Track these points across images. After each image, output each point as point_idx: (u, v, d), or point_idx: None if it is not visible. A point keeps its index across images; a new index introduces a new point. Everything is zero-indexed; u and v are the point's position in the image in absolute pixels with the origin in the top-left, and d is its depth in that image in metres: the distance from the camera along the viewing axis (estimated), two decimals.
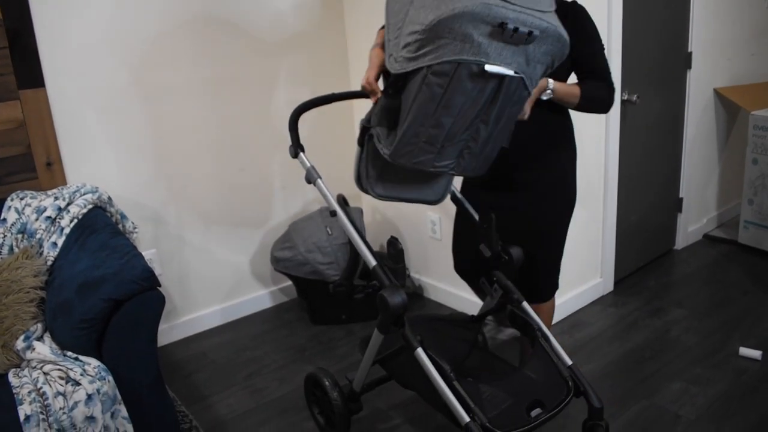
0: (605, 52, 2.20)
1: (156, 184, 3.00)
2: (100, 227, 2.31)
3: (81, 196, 2.46)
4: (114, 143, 2.84)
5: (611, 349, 2.89)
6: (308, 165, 2.13)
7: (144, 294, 1.95)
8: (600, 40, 2.18)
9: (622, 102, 3.21)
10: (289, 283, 3.44)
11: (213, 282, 3.28)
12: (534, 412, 1.83)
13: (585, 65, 2.15)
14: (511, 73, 1.62)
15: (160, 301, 1.98)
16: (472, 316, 2.34)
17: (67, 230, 2.34)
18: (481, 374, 2.16)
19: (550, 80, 2.06)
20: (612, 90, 2.16)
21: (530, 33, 1.56)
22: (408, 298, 1.87)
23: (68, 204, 2.41)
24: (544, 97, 2.09)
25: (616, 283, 3.51)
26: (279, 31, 3.23)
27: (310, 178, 2.12)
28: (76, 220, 2.36)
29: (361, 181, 2.02)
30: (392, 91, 1.74)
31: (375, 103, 1.85)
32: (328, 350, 3.02)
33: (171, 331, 3.17)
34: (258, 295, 3.46)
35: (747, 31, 4.01)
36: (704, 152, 3.97)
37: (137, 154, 2.92)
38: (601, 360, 2.80)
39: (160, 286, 2.00)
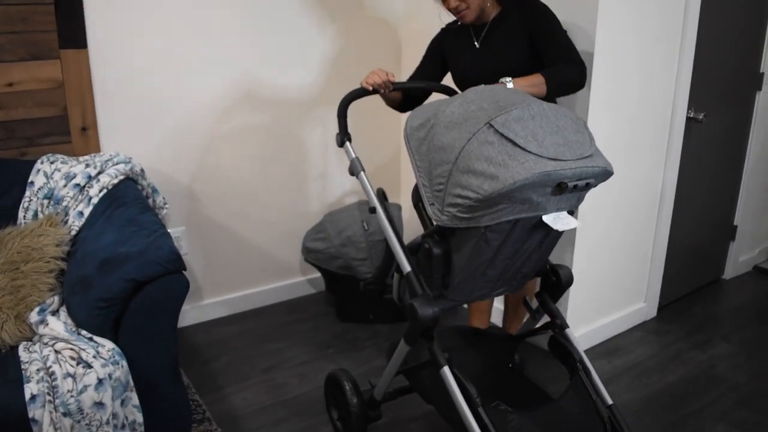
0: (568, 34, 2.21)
1: (191, 160, 2.89)
2: (129, 200, 2.21)
3: (113, 165, 2.35)
4: (152, 114, 2.74)
5: (652, 380, 2.71)
6: (353, 156, 2.04)
7: (168, 277, 1.84)
8: (558, 27, 2.18)
9: (687, 119, 3.02)
10: (318, 275, 3.31)
11: (240, 266, 3.17)
12: None
13: (551, 55, 2.15)
14: (571, 226, 1.61)
15: (184, 285, 1.87)
16: (510, 334, 2.20)
17: (95, 200, 2.23)
18: (511, 400, 2.02)
19: (508, 79, 2.05)
20: (582, 69, 2.14)
21: (587, 184, 1.57)
22: (440, 310, 1.74)
23: (99, 173, 2.31)
24: None
25: (660, 309, 3.32)
26: (329, 11, 3.10)
27: (354, 169, 2.04)
28: (105, 191, 2.26)
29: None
30: (439, 237, 1.72)
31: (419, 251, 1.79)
32: (352, 350, 2.89)
33: (193, 312, 3.07)
34: (285, 284, 3.34)
35: None
36: (764, 180, 3.75)
37: (175, 127, 2.81)
38: (641, 391, 2.63)
39: (185, 269, 1.88)
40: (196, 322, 3.09)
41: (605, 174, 1.61)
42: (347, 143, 2.08)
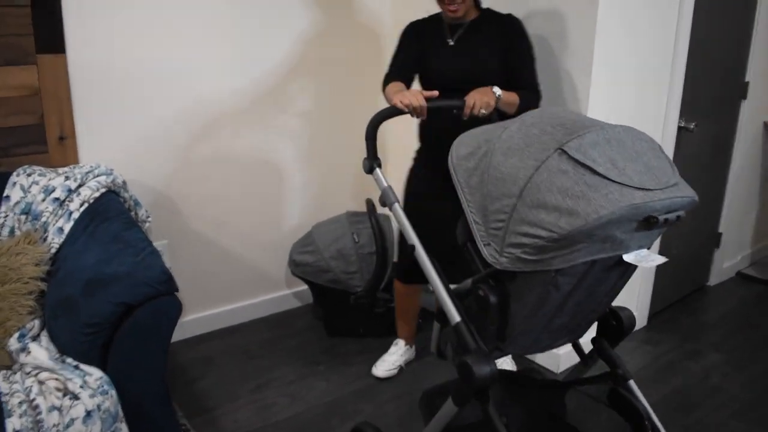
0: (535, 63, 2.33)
1: (173, 171, 2.78)
2: (112, 215, 2.09)
3: (94, 177, 2.23)
4: (133, 123, 2.62)
5: (648, 392, 2.65)
6: (384, 185, 1.83)
7: (160, 299, 1.74)
8: (532, 53, 2.31)
9: (679, 129, 3.00)
10: (304, 287, 3.21)
11: (225, 280, 3.06)
12: None
13: (519, 76, 2.27)
14: (658, 263, 1.42)
15: (176, 308, 1.77)
16: (555, 381, 2.03)
17: (76, 215, 2.11)
18: None
19: (497, 88, 2.09)
20: (539, 100, 2.28)
21: (678, 217, 1.37)
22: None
23: (79, 185, 2.19)
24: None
25: (650, 318, 3.30)
26: (313, 15, 3.01)
27: (386, 200, 1.82)
28: (86, 205, 2.14)
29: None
30: (494, 282, 1.48)
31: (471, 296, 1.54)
32: (343, 366, 2.80)
33: (177, 329, 2.92)
34: (270, 298, 3.24)
35: None
36: (747, 187, 3.76)
37: (157, 136, 2.70)
38: None
39: (177, 291, 1.78)
40: (180, 338, 2.96)
41: (692, 204, 1.42)
42: (377, 170, 1.87)
